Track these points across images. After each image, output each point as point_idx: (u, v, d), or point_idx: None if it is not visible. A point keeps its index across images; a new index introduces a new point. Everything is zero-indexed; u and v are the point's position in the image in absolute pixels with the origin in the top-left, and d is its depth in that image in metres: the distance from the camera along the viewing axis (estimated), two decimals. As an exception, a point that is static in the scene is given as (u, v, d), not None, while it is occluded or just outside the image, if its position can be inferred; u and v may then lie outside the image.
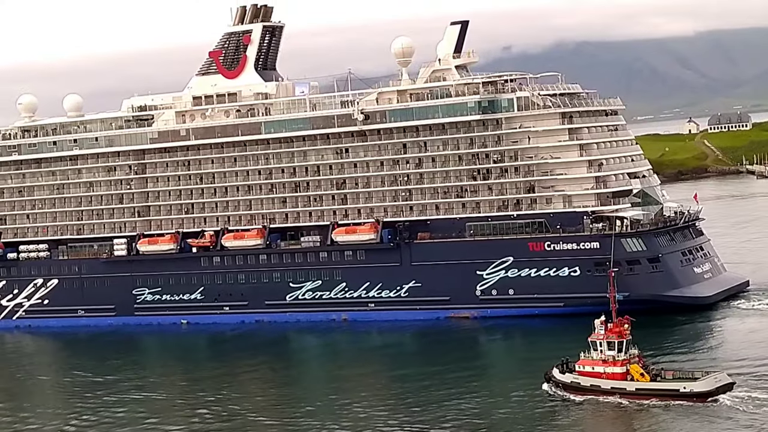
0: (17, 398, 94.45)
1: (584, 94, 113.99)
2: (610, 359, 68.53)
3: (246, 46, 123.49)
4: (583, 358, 70.13)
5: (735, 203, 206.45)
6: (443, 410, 72.17)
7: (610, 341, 68.78)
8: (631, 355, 68.83)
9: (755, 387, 67.45)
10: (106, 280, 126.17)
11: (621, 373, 67.84)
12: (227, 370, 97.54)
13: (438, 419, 70.12)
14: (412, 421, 70.18)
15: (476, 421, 68.89)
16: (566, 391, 70.02)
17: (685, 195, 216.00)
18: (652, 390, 66.92)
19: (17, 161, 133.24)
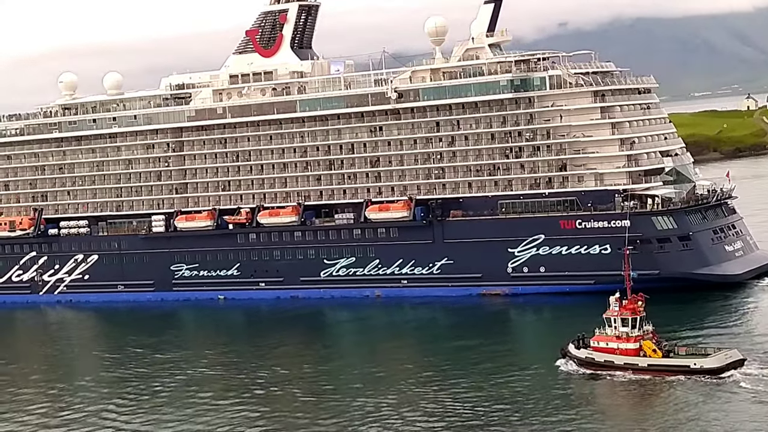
0: (60, 370, 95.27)
1: (617, 72, 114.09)
2: (623, 335, 69.96)
3: (282, 25, 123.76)
4: (598, 334, 71.72)
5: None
6: (466, 380, 74.08)
7: (624, 318, 70.20)
8: (645, 332, 70.18)
9: (763, 361, 68.80)
10: (144, 256, 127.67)
11: (634, 349, 69.24)
12: (263, 345, 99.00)
13: (459, 389, 71.81)
14: (438, 390, 71.94)
15: (496, 392, 70.27)
16: (581, 366, 71.60)
17: (743, 172, 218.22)
18: (664, 366, 68.27)
19: (58, 139, 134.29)
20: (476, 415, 65.09)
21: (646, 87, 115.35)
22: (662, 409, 63.67)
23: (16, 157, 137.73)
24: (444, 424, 63.81)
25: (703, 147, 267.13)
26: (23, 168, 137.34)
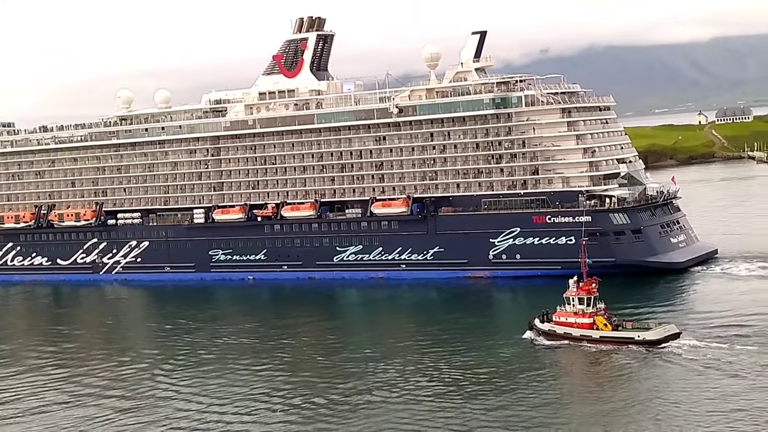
0: (119, 338, 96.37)
1: (582, 92, 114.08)
2: (580, 312, 70.64)
3: (303, 51, 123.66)
4: (559, 311, 72.39)
5: (732, 184, 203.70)
6: (453, 347, 75.43)
7: (580, 297, 70.99)
8: (598, 309, 70.66)
9: (700, 337, 69.33)
10: (187, 243, 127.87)
11: (588, 323, 70.01)
12: (287, 318, 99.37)
13: (447, 354, 73.21)
14: (429, 354, 73.70)
15: (474, 357, 71.63)
16: (544, 337, 72.40)
17: (694, 177, 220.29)
18: (613, 337, 69.04)
19: (116, 144, 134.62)
20: (461, 375, 66.08)
21: (606, 105, 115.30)
22: (608, 373, 64.82)
23: (81, 159, 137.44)
24: (435, 383, 64.56)
25: (661, 155, 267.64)
26: (87, 169, 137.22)
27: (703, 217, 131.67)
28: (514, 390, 61.25)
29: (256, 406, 62.35)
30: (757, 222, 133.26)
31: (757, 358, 63.31)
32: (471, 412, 56.84)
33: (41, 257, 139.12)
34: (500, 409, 57.23)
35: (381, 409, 59.22)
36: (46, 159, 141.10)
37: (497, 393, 60.95)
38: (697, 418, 52.59)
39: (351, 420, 57.47)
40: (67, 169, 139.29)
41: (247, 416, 60.27)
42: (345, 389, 64.93)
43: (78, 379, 74.78)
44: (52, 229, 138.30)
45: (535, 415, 55.36)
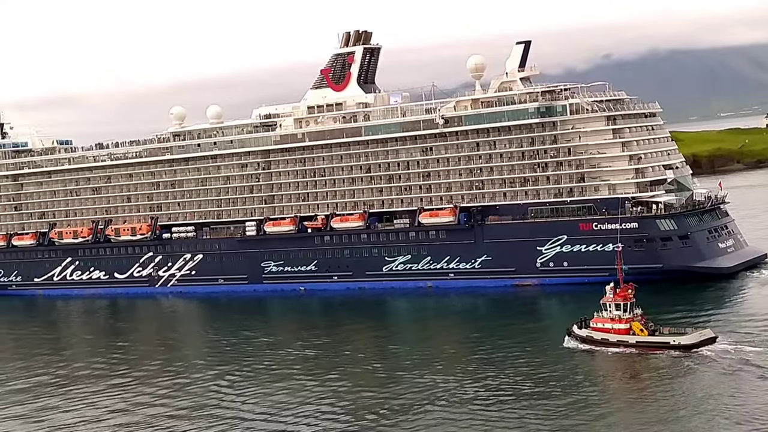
0: (176, 349, 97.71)
1: (627, 99, 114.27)
2: (617, 318, 71.55)
3: (350, 65, 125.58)
4: (597, 317, 73.36)
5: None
6: (498, 354, 76.82)
7: (617, 303, 71.69)
8: (635, 315, 71.38)
9: (735, 341, 69.86)
10: (240, 255, 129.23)
11: (625, 329, 70.78)
12: (338, 327, 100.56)
13: (492, 360, 74.65)
14: (475, 360, 75.42)
15: (516, 359, 73.85)
16: (582, 343, 73.29)
17: (762, 180, 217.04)
18: (649, 342, 69.85)
19: (170, 160, 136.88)
20: (506, 380, 67.67)
21: (651, 112, 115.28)
22: (645, 377, 65.63)
23: (136, 175, 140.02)
24: (480, 387, 66.12)
25: (728, 159, 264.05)
26: (142, 184, 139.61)
27: (755, 222, 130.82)
28: (550, 395, 62.54)
29: (315, 412, 63.44)
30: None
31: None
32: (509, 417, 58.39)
33: (99, 271, 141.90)
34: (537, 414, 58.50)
35: (433, 413, 60.48)
36: (102, 175, 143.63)
37: (536, 398, 62.17)
38: (724, 418, 54.36)
39: (406, 424, 58.96)
40: (122, 184, 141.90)
41: (307, 421, 61.41)
42: (398, 395, 66.27)
43: (139, 389, 76.39)
44: (109, 243, 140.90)
45: (572, 422, 56.55)
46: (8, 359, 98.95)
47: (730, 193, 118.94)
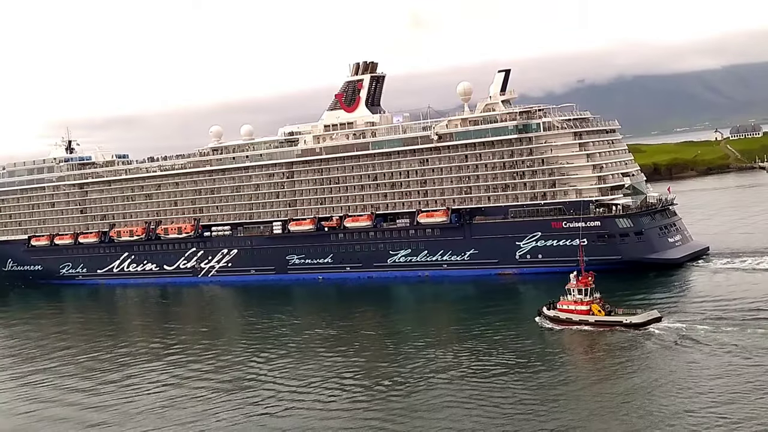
0: (217, 330, 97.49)
1: (591, 118, 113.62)
2: (579, 300, 72.46)
3: (359, 90, 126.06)
4: (562, 300, 74.19)
5: (742, 190, 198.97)
6: (483, 329, 78.03)
7: (579, 288, 72.77)
8: (594, 298, 72.10)
9: (677, 320, 70.75)
10: (268, 250, 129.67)
11: (586, 310, 71.74)
12: (352, 310, 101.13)
13: (479, 334, 76.01)
14: (465, 335, 76.40)
15: (497, 335, 74.52)
16: (551, 322, 74.29)
17: (713, 185, 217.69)
18: (605, 321, 70.67)
19: (210, 170, 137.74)
20: (489, 351, 68.71)
21: (611, 128, 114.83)
22: (601, 350, 66.57)
23: (182, 183, 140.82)
24: (469, 357, 67.11)
25: (683, 167, 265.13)
26: (186, 191, 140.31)
27: (700, 220, 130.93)
28: (524, 364, 63.80)
29: (336, 383, 63.57)
30: (745, 223, 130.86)
31: (721, 336, 64.54)
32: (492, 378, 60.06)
33: (151, 264, 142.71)
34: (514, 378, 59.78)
35: (432, 381, 61.15)
36: (153, 184, 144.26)
37: (512, 365, 63.58)
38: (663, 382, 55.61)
39: (412, 390, 59.61)
40: (170, 191, 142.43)
41: (329, 391, 61.34)
42: (404, 365, 66.88)
43: (187, 365, 76.64)
44: (159, 241, 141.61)
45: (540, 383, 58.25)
46: (77, 338, 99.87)
47: (684, 196, 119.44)
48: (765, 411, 48.48)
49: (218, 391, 65.70)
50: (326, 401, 59.67)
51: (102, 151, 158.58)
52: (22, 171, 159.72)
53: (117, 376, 75.34)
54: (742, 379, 54.39)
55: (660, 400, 52.53)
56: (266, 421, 56.46)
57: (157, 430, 57.44)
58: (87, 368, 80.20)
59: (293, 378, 67.00)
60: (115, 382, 72.94)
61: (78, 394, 70.27)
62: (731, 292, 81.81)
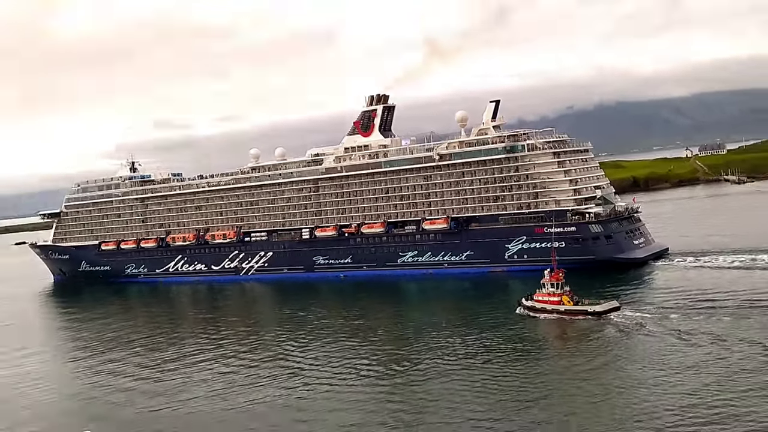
0: (255, 320, 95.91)
1: (568, 139, 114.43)
2: (551, 293, 73.34)
3: (374, 118, 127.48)
4: (538, 292, 74.97)
5: (708, 199, 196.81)
6: (476, 315, 79.50)
7: (552, 283, 73.54)
8: (564, 291, 72.85)
9: (634, 309, 71.48)
10: (298, 252, 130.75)
11: (557, 300, 72.79)
12: (369, 302, 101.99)
13: (472, 320, 76.83)
14: (464, 322, 76.43)
15: (487, 321, 75.29)
16: (528, 311, 75.14)
17: (685, 195, 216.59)
18: (573, 310, 71.73)
19: (249, 186, 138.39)
20: (480, 334, 69.53)
21: (585, 148, 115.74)
22: (570, 334, 67.61)
23: (226, 197, 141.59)
24: (465, 338, 68.10)
25: (658, 180, 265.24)
26: (230, 203, 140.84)
27: (662, 225, 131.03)
28: (507, 344, 65.29)
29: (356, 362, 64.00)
30: (703, 227, 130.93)
31: (668, 322, 65.27)
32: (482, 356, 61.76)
33: (200, 264, 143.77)
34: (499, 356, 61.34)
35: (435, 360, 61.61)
36: (202, 197, 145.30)
37: (498, 345, 65.06)
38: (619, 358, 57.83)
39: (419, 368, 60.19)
40: (216, 203, 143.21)
41: (349, 369, 61.75)
42: (412, 348, 67.41)
43: (230, 347, 77.02)
44: (207, 245, 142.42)
45: (520, 360, 60.05)
46: (141, 325, 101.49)
47: (657, 205, 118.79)
48: (690, 379, 50.90)
49: (258, 368, 66.66)
50: (346, 375, 60.74)
51: (159, 171, 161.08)
52: (94, 188, 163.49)
53: (175, 355, 76.64)
54: (681, 356, 56.28)
55: (615, 372, 54.56)
56: (298, 392, 57.45)
57: (209, 399, 58.63)
58: (150, 349, 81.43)
59: (320, 358, 67.58)
60: (173, 360, 74.20)
61: (143, 370, 71.78)
62: (682, 286, 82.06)
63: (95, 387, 67.05)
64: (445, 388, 54.43)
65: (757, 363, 52.27)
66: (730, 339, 58.66)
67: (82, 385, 68.65)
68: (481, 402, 50.77)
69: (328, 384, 58.93)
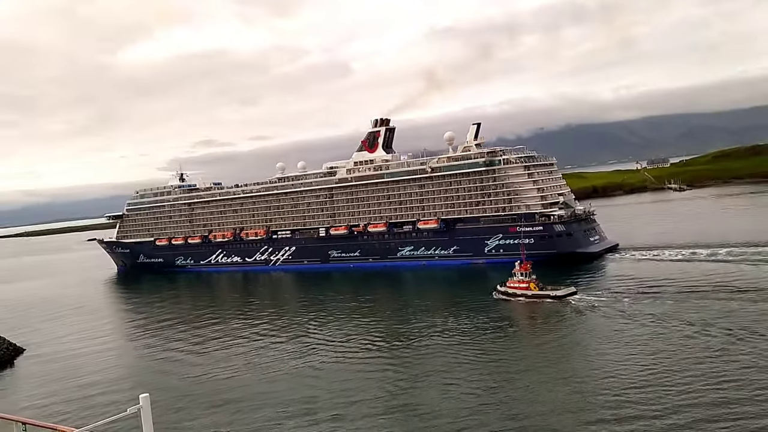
0: (281, 302, 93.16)
1: (536, 155, 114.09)
2: (521, 280, 74.03)
3: (378, 138, 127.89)
4: (510, 280, 75.65)
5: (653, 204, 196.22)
6: (461, 298, 79.13)
7: (521, 272, 74.30)
8: (532, 279, 73.64)
9: (588, 293, 72.24)
10: (316, 247, 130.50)
11: (525, 287, 73.40)
12: (375, 288, 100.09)
13: (458, 302, 76.55)
14: (452, 304, 75.91)
15: (470, 303, 74.79)
16: (502, 295, 75.44)
17: (635, 201, 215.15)
18: (538, 294, 72.19)
19: (276, 193, 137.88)
20: (465, 313, 69.51)
21: (550, 162, 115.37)
22: (536, 313, 67.66)
23: (257, 202, 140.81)
24: (452, 318, 67.35)
25: (615, 188, 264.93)
26: (260, 207, 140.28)
27: (615, 225, 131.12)
28: (485, 322, 65.48)
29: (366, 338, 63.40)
30: (649, 227, 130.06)
31: (617, 304, 65.62)
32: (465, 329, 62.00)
33: (237, 257, 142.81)
34: (478, 330, 61.98)
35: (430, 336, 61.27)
36: (238, 202, 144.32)
37: (477, 323, 65.25)
38: (577, 332, 58.28)
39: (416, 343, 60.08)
40: (249, 207, 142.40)
41: (359, 345, 61.49)
42: (410, 327, 67.08)
43: (261, 326, 75.98)
44: (242, 241, 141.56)
45: (496, 336, 60.05)
46: (189, 308, 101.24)
47: (613, 209, 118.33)
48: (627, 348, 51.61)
49: (284, 342, 66.47)
50: (353, 348, 60.94)
51: (203, 180, 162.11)
52: (149, 194, 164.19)
53: (216, 332, 75.89)
54: (624, 332, 56.79)
55: (572, 345, 55.25)
56: (317, 364, 57.24)
57: (244, 369, 58.30)
58: (195, 327, 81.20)
59: (337, 335, 66.92)
60: (215, 337, 73.38)
61: (191, 345, 71.55)
62: (629, 275, 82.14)
63: (151, 359, 66.85)
64: (437, 360, 54.18)
65: (693, 338, 52.52)
66: (669, 319, 58.59)
67: (141, 356, 68.50)
68: (468, 371, 50.62)
69: (341, 358, 58.34)
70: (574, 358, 50.75)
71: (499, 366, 50.64)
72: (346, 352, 59.52)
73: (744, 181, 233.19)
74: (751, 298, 61.74)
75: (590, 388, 44.33)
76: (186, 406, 48.86)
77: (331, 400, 46.28)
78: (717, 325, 54.56)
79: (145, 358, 67.27)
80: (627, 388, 43.56)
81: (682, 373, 44.62)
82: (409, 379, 50.17)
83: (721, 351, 47.92)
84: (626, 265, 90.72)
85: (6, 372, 66.59)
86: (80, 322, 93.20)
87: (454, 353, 55.53)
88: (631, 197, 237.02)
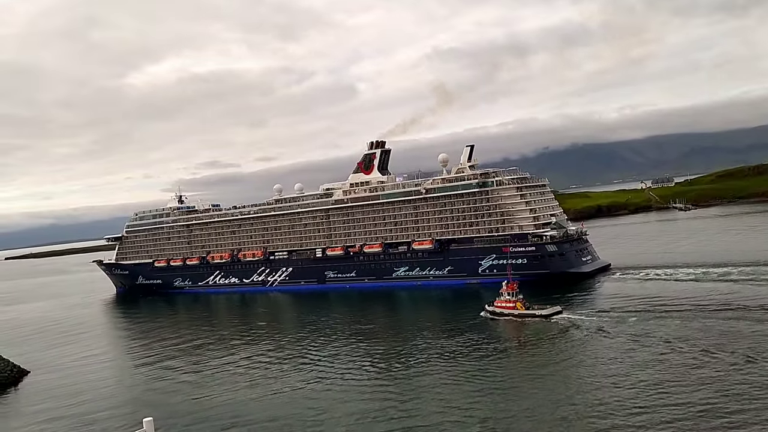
0: (278, 322, 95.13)
1: (529, 176, 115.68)
2: (508, 300, 75.29)
3: (373, 160, 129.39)
4: (498, 299, 76.83)
5: (653, 224, 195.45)
6: (453, 317, 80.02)
7: (508, 292, 75.61)
8: (518, 299, 75.01)
9: (573, 313, 71.35)
10: (313, 267, 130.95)
11: (512, 306, 74.73)
12: (370, 307, 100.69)
13: (450, 319, 78.21)
14: (446, 322, 77.13)
15: (461, 322, 75.69)
16: (490, 314, 76.59)
17: (639, 220, 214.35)
18: (525, 314, 73.35)
19: (274, 215, 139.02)
20: (456, 331, 70.63)
21: (543, 183, 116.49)
22: (523, 332, 68.62)
23: (255, 223, 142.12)
24: (445, 335, 68.60)
25: (619, 207, 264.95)
26: (258, 228, 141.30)
27: (608, 245, 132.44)
28: (474, 338, 67.03)
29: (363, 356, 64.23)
30: (642, 247, 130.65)
31: (600, 323, 66.91)
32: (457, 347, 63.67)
33: (234, 278, 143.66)
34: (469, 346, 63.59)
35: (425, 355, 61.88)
36: (236, 224, 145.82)
37: (468, 339, 66.82)
38: (561, 348, 60.44)
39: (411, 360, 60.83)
40: (247, 229, 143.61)
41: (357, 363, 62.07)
42: (405, 345, 67.64)
43: (257, 346, 76.04)
44: (240, 262, 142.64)
45: (485, 352, 61.31)
46: (188, 328, 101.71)
47: (614, 229, 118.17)
48: (610, 360, 54.26)
49: (282, 362, 66.95)
50: (350, 367, 61.86)
51: (202, 202, 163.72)
52: (148, 216, 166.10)
53: (216, 353, 76.29)
54: (605, 347, 59.19)
55: (554, 359, 57.25)
56: (312, 384, 57.62)
57: (246, 391, 58.27)
58: (194, 346, 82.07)
59: (334, 356, 67.36)
60: (216, 358, 73.70)
61: (191, 364, 72.22)
62: (616, 294, 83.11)
63: (153, 379, 66.96)
64: (431, 379, 54.55)
65: (669, 354, 54.07)
66: (646, 337, 59.73)
67: (142, 378, 68.39)
68: (461, 391, 50.93)
69: (339, 377, 58.72)
70: (560, 372, 52.71)
71: (484, 384, 51.66)
72: (345, 374, 59.73)
73: (748, 201, 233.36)
74: (732, 317, 63.58)
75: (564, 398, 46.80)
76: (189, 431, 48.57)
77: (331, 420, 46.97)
78: (691, 342, 57.04)
79: (148, 380, 67.05)
80: (599, 402, 45.83)
81: (661, 385, 46.84)
82: (405, 400, 50.46)
83: (694, 364, 50.59)
84: (615, 284, 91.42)
85: (10, 394, 67.14)
86: (83, 344, 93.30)
87: (448, 375, 55.69)
88: (635, 216, 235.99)
